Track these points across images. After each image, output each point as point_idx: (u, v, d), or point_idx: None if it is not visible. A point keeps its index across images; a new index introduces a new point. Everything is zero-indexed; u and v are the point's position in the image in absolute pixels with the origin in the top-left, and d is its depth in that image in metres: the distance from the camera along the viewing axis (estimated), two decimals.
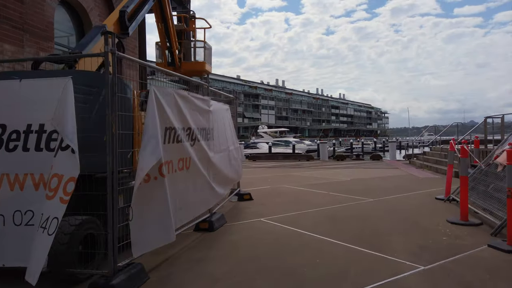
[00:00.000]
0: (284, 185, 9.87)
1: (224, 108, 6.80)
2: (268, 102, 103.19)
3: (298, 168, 15.61)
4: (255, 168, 15.98)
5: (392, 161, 19.37)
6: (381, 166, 16.15)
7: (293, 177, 11.99)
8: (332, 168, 15.22)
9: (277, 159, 21.26)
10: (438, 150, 15.77)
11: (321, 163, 18.38)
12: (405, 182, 10.36)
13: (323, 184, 10.08)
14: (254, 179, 11.55)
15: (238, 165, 7.09)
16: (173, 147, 4.28)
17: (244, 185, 9.43)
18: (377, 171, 13.88)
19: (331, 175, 12.55)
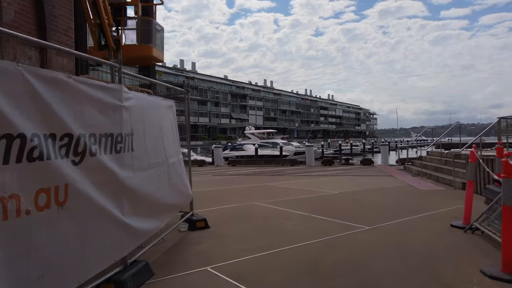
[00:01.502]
0: (258, 201, 7.96)
1: (162, 105, 4.86)
2: (256, 102, 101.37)
3: (280, 176, 13.73)
4: (231, 176, 14.06)
5: (385, 166, 17.63)
6: (373, 173, 14.36)
7: (272, 189, 10.09)
8: (318, 176, 13.37)
9: (259, 164, 19.38)
10: (437, 154, 14.03)
11: (307, 169, 16.54)
12: (405, 196, 8.53)
13: (306, 200, 8.20)
14: (225, 192, 9.63)
15: (182, 183, 5.15)
16: (20, 169, 2.35)
17: (209, 202, 7.53)
18: (370, 180, 12.06)
19: (317, 185, 10.69)
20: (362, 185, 10.75)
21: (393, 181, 11.62)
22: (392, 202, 7.69)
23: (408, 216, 6.27)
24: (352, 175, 13.70)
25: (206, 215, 6.29)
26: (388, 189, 9.84)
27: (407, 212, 6.62)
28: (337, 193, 9.06)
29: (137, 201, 3.77)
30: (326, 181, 11.82)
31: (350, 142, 71.87)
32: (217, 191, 9.86)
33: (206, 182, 12.13)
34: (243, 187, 10.55)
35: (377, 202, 7.65)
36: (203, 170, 16.91)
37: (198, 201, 7.88)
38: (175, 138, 5.17)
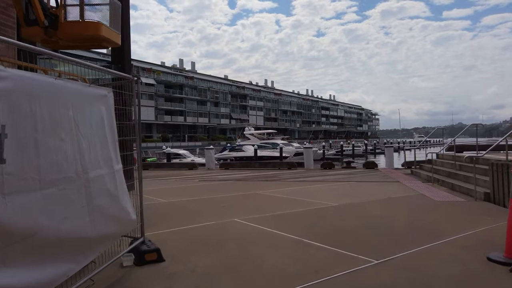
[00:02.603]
0: (240, 217, 6.51)
1: (85, 94, 3.44)
2: (256, 103, 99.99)
3: (273, 182, 12.28)
4: (220, 182, 12.62)
5: (390, 170, 16.16)
6: (378, 178, 12.90)
7: (261, 199, 8.65)
8: (316, 182, 11.92)
9: (254, 167, 17.93)
10: (449, 158, 12.56)
11: (305, 173, 15.09)
12: (418, 210, 7.07)
13: (299, 215, 6.75)
14: (204, 203, 8.19)
15: (117, 204, 3.70)
16: None
17: (179, 218, 6.11)
18: (374, 187, 10.61)
19: (314, 194, 9.25)
20: (366, 194, 9.29)
21: (400, 188, 10.16)
22: (404, 219, 6.23)
23: (427, 242, 4.81)
24: (354, 180, 12.25)
25: (166, 240, 4.88)
26: (396, 199, 8.39)
27: (424, 235, 5.16)
28: (336, 206, 7.61)
29: (10, 242, 2.35)
30: (325, 189, 10.37)
31: (352, 143, 70.41)
32: (195, 202, 8.43)
33: (187, 190, 10.69)
34: (228, 197, 9.11)
35: (385, 219, 6.20)
36: (191, 174, 15.49)
37: (164, 218, 6.46)
38: (109, 141, 3.75)
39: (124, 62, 10.30)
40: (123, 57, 10.32)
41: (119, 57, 10.33)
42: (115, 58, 10.36)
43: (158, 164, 19.54)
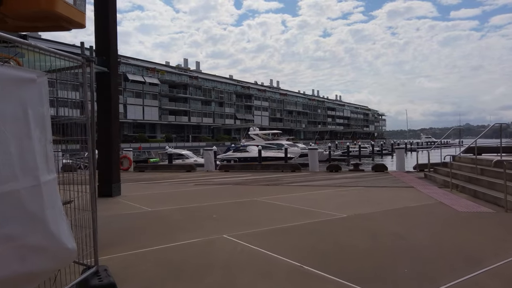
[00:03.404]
0: (229, 232, 5.48)
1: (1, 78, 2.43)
2: (261, 103, 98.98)
3: (274, 187, 11.24)
4: (216, 187, 11.59)
5: (401, 173, 15.05)
6: (389, 182, 11.81)
7: (257, 209, 7.61)
8: (322, 187, 10.85)
9: (255, 169, 16.89)
10: (469, 161, 11.45)
11: (310, 176, 14.03)
12: (443, 226, 5.99)
13: (301, 230, 5.70)
14: (192, 213, 7.16)
15: (42, 231, 2.66)
16: None
17: (157, 233, 5.09)
18: (386, 193, 9.53)
19: (319, 202, 8.20)
20: (378, 202, 8.22)
21: (416, 195, 9.07)
22: (428, 237, 5.16)
23: (465, 271, 3.74)
24: (363, 186, 11.17)
25: (133, 266, 3.89)
26: (414, 209, 7.30)
27: (459, 260, 4.09)
28: (344, 217, 6.54)
29: None
30: (331, 196, 9.31)
31: (358, 143, 69.11)
32: (183, 211, 7.41)
33: (178, 196, 9.68)
34: (221, 205, 8.08)
35: (405, 238, 5.13)
36: (188, 177, 14.49)
37: (140, 233, 5.42)
38: (34, 143, 2.72)
39: (110, 53, 9.33)
40: (108, 48, 9.36)
41: (103, 48, 9.37)
42: (99, 49, 9.39)
43: (155, 166, 18.59)
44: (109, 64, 9.29)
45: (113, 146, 9.35)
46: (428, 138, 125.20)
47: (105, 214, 7.07)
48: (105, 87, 9.39)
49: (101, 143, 9.56)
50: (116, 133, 9.53)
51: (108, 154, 9.37)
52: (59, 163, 14.58)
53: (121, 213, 7.18)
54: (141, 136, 66.12)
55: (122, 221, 6.45)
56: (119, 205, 8.15)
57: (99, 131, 9.64)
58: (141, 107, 70.47)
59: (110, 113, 9.33)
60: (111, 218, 6.66)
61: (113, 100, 9.39)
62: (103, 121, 9.43)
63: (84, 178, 3.63)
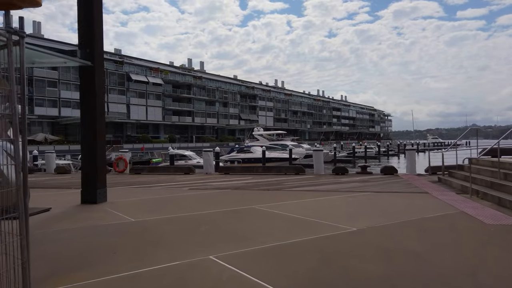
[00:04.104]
0: (217, 252, 4.60)
1: None
2: (266, 103, 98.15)
3: (276, 192, 10.34)
4: (212, 191, 10.71)
5: (412, 176, 14.08)
6: (401, 187, 10.87)
7: (254, 219, 6.71)
8: (327, 193, 9.92)
9: (257, 171, 15.99)
10: (489, 164, 10.48)
11: (315, 180, 13.11)
12: (473, 243, 5.06)
13: (299, 249, 4.79)
14: (182, 224, 6.28)
15: None
16: None
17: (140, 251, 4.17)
18: (399, 200, 8.60)
19: (323, 211, 7.29)
20: (390, 211, 7.30)
21: (433, 203, 8.13)
22: (455, 261, 4.24)
23: None
24: (372, 191, 10.24)
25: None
26: (433, 221, 6.37)
27: None
28: (354, 231, 5.63)
29: None
30: (337, 203, 8.39)
31: (364, 144, 67.97)
32: (169, 222, 6.53)
33: (169, 202, 8.80)
34: (214, 214, 7.20)
35: (428, 261, 4.21)
36: (184, 181, 13.63)
37: (108, 254, 4.43)
38: None
39: (94, 46, 8.49)
40: (92, 40, 8.52)
41: (87, 40, 8.54)
42: (82, 41, 8.56)
43: (152, 168, 17.75)
44: (93, 57, 8.45)
45: (98, 147, 8.51)
46: (434, 139, 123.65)
47: (80, 225, 6.22)
48: (89, 82, 8.56)
49: (85, 144, 8.74)
50: (101, 132, 8.69)
51: (92, 156, 8.53)
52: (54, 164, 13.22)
53: (99, 224, 6.32)
54: (144, 137, 65.50)
55: (96, 235, 5.59)
56: (101, 214, 7.29)
57: (82, 130, 8.83)
58: (144, 107, 69.89)
59: (94, 110, 8.49)
60: (83, 232, 5.80)
61: (98, 97, 8.55)
62: (87, 119, 8.60)
63: None
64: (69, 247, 4.91)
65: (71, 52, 9.30)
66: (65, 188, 11.86)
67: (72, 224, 6.29)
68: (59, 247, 4.90)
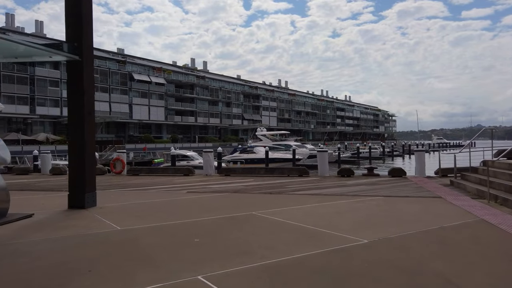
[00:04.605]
0: (207, 270, 3.96)
1: None
2: (269, 103, 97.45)
3: (278, 196, 9.69)
4: (210, 195, 10.07)
5: (421, 179, 13.38)
6: (411, 191, 10.19)
7: (252, 228, 6.04)
8: (332, 197, 9.26)
9: (258, 173, 15.34)
10: (506, 167, 9.78)
11: (319, 182, 12.45)
12: (504, 262, 4.40)
13: (301, 267, 4.12)
14: (172, 234, 5.65)
15: None
16: None
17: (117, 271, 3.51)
18: (412, 206, 7.92)
19: (329, 218, 6.63)
20: (404, 219, 6.63)
21: (449, 210, 7.46)
22: (490, 283, 3.58)
23: None
24: (381, 195, 9.57)
25: None
26: (453, 232, 5.70)
27: None
28: (365, 244, 4.97)
29: None
30: (345, 209, 7.73)
31: (368, 145, 67.16)
32: (158, 232, 5.89)
33: (162, 208, 8.15)
34: (209, 221, 6.56)
35: (458, 283, 3.55)
36: (183, 183, 13.01)
37: (83, 271, 3.71)
38: None
39: (82, 39, 7.88)
40: (80, 33, 7.91)
41: (74, 33, 7.93)
42: (70, 34, 7.96)
43: (150, 169, 17.15)
44: (82, 51, 7.84)
45: (86, 148, 7.90)
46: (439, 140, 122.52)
47: (59, 235, 5.60)
48: (76, 78, 7.95)
49: (72, 144, 8.13)
50: (90, 132, 8.08)
51: (80, 157, 7.92)
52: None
53: (81, 233, 5.70)
54: (146, 137, 65.01)
55: (74, 247, 4.97)
56: (86, 221, 6.67)
57: (70, 130, 8.22)
58: (147, 107, 69.42)
59: (82, 109, 7.88)
60: (61, 243, 5.18)
61: (86, 94, 7.94)
62: (75, 118, 7.99)
63: None
64: (40, 262, 4.30)
65: (56, 46, 8.68)
66: (57, 190, 11.27)
67: (51, 234, 5.67)
68: (28, 263, 4.28)
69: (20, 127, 53.87)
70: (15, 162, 36.95)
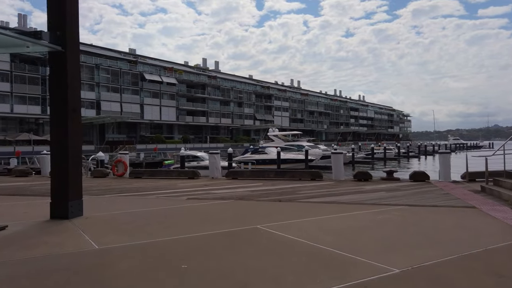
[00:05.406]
0: None
1: None
2: (281, 103, 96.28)
3: (288, 204, 8.63)
4: (213, 203, 9.05)
5: (447, 183, 12.16)
6: (439, 200, 9.01)
7: (253, 250, 5.00)
8: (350, 206, 8.14)
9: (268, 176, 14.30)
10: None
11: (333, 188, 11.34)
12: None
13: None
14: (156, 257, 4.63)
15: None
16: None
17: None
18: (444, 220, 6.78)
19: (347, 236, 5.56)
20: (438, 237, 5.51)
21: (489, 223, 6.30)
22: None
23: None
24: (405, 204, 8.43)
25: None
26: (504, 256, 4.57)
27: None
28: (397, 275, 3.89)
29: None
30: (365, 223, 6.63)
31: (383, 145, 65.44)
32: (142, 251, 4.89)
33: (155, 219, 7.13)
34: (205, 238, 5.55)
35: None
36: (185, 187, 12.05)
37: None
38: None
39: (66, 28, 6.95)
40: (63, 21, 6.98)
41: (57, 21, 7.01)
42: (52, 22, 7.03)
43: (153, 172, 16.24)
44: (65, 41, 6.92)
45: (69, 149, 6.97)
46: (456, 140, 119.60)
47: (23, 256, 4.65)
48: (59, 71, 7.03)
49: (54, 146, 7.21)
50: (75, 131, 7.14)
51: (63, 160, 7.00)
52: None
53: (51, 253, 4.75)
54: (157, 137, 64.53)
55: (30, 276, 4.00)
56: (63, 236, 5.73)
57: (51, 129, 7.31)
58: (158, 108, 68.96)
59: (65, 105, 6.96)
60: (19, 268, 4.21)
61: (70, 89, 7.01)
62: (57, 116, 7.07)
63: None
64: None
65: (34, 34, 7.86)
66: (48, 195, 10.39)
67: (13, 254, 4.73)
68: None
69: (32, 127, 53.85)
70: (25, 162, 36.67)
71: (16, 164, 29.46)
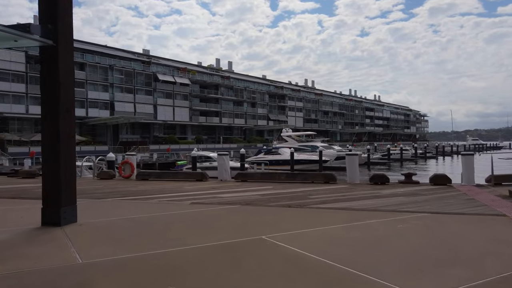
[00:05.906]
0: None
1: None
2: (295, 103, 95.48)
3: (298, 210, 7.99)
4: (217, 209, 8.45)
5: (470, 187, 11.33)
6: (464, 206, 8.24)
7: (254, 267, 4.36)
8: (366, 213, 7.45)
9: (279, 179, 13.65)
10: None
11: (348, 192, 10.64)
12: None
13: None
14: (140, 281, 4.06)
15: None
16: None
17: None
18: (472, 230, 6.05)
19: (363, 252, 4.89)
20: (469, 252, 4.80)
21: None
22: None
23: None
24: (427, 211, 7.69)
25: None
26: None
27: None
28: None
29: None
30: (383, 233, 5.94)
31: (399, 146, 64.01)
32: (129, 267, 4.32)
33: (153, 226, 6.55)
34: (201, 251, 4.95)
35: None
36: (191, 190, 11.51)
37: None
38: None
39: (57, 21, 6.46)
40: (55, 13, 6.49)
41: (49, 14, 6.52)
42: (43, 15, 6.55)
43: (160, 174, 15.75)
44: (57, 35, 6.42)
45: (62, 150, 6.47)
46: (475, 140, 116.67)
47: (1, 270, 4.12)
48: (50, 68, 6.54)
49: (45, 148, 6.72)
50: (68, 132, 6.65)
51: (55, 163, 6.50)
52: None
53: (30, 269, 4.22)
54: (171, 138, 64.50)
55: None
56: (46, 247, 5.21)
57: (42, 129, 6.83)
58: (171, 108, 68.96)
59: (57, 103, 6.46)
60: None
61: (62, 87, 6.51)
62: (49, 115, 6.59)
63: None
64: None
65: (22, 27, 7.39)
66: None
67: None
68: None
69: None
70: (39, 163, 36.83)
71: (30, 165, 29.50)
